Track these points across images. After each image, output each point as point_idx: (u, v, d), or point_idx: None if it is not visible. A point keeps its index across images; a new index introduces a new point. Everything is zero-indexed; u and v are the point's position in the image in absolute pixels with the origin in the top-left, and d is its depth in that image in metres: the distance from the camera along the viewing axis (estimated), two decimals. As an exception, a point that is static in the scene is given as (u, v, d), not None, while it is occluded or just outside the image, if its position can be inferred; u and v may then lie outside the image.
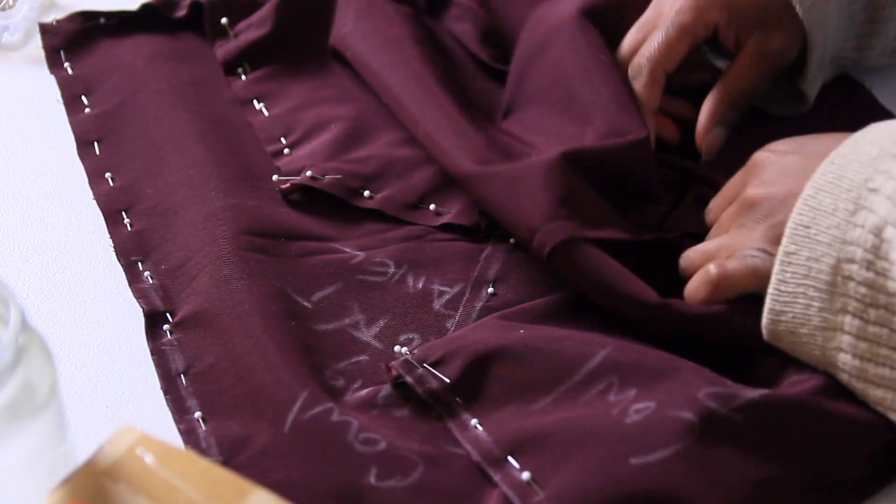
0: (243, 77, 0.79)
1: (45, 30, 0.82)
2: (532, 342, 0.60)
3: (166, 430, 0.59)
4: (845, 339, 0.56)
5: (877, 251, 0.54)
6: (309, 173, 0.71)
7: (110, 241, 0.69)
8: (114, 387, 0.62)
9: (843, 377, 0.56)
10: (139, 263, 0.67)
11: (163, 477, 0.46)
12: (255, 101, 0.77)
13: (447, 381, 0.59)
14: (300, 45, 0.81)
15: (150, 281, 0.66)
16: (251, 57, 0.80)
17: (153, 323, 0.64)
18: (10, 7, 0.84)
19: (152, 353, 0.62)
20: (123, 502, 0.46)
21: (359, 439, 0.57)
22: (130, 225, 0.70)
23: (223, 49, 0.80)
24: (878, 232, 0.54)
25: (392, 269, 0.67)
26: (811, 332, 0.57)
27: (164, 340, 0.63)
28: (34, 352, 0.48)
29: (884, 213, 0.54)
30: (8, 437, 0.47)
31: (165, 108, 0.76)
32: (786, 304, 0.57)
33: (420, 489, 0.56)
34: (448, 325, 0.64)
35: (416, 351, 0.61)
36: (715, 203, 0.67)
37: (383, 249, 0.68)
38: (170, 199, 0.70)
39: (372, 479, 0.56)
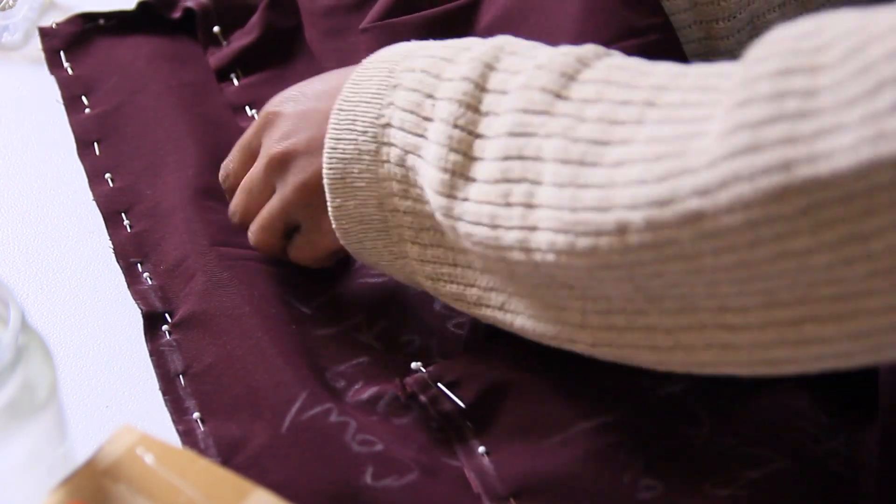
0: (236, 82, 0.79)
1: (45, 33, 0.82)
2: (551, 378, 0.59)
3: (166, 430, 0.59)
4: (415, 266, 0.59)
5: (406, 180, 0.57)
6: None
7: (110, 242, 0.69)
8: (114, 387, 0.62)
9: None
10: (138, 265, 0.67)
11: (163, 477, 0.46)
12: (247, 108, 0.77)
13: (462, 405, 0.59)
14: (290, 50, 0.81)
15: (150, 282, 0.66)
16: (243, 63, 0.80)
17: (152, 324, 0.64)
18: (10, 7, 0.84)
19: (151, 354, 0.63)
20: (123, 502, 0.46)
21: (356, 440, 0.57)
22: (130, 226, 0.70)
23: (215, 57, 0.80)
24: (401, 162, 0.57)
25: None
26: (391, 265, 0.60)
27: (162, 341, 0.63)
28: (34, 352, 0.48)
29: (400, 143, 0.57)
30: (8, 437, 0.47)
31: (165, 109, 0.76)
32: (358, 251, 0.61)
33: (416, 490, 0.56)
34: (449, 326, 0.64)
35: (431, 368, 0.60)
36: (231, 166, 0.66)
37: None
38: (168, 200, 0.70)
39: (368, 479, 0.56)
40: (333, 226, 0.60)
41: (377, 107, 0.58)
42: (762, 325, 0.48)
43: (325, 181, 0.59)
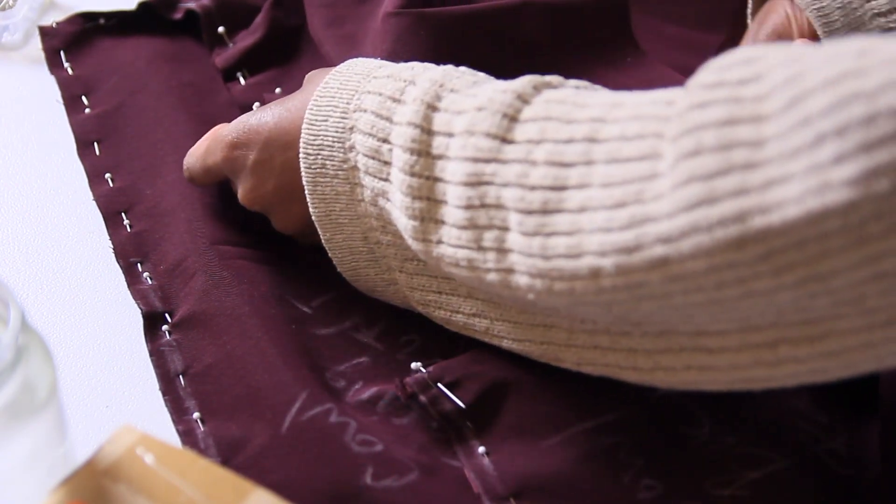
0: (242, 82, 0.79)
1: (45, 32, 0.82)
2: (551, 378, 0.59)
3: (166, 430, 0.59)
4: (406, 292, 0.61)
5: (382, 217, 0.59)
6: None
7: (110, 242, 0.69)
8: (114, 387, 0.62)
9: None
10: (138, 265, 0.67)
11: (163, 477, 0.46)
12: (255, 106, 0.77)
13: (461, 405, 0.59)
14: (296, 48, 0.81)
15: (150, 282, 0.66)
16: (249, 63, 0.80)
17: (152, 324, 0.64)
18: (10, 7, 0.84)
19: (151, 354, 0.62)
20: (123, 502, 0.46)
21: (356, 440, 0.57)
22: (130, 226, 0.70)
23: (221, 57, 0.80)
24: (374, 203, 0.59)
25: (392, 271, 0.67)
26: (385, 291, 0.63)
27: (162, 341, 0.63)
28: (34, 352, 0.48)
29: (369, 186, 0.59)
30: (8, 437, 0.47)
31: (165, 109, 0.76)
32: (355, 279, 0.64)
33: (416, 490, 0.56)
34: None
35: (431, 368, 0.60)
36: (197, 181, 0.68)
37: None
38: (167, 200, 0.70)
39: (368, 479, 0.56)
40: (329, 255, 0.63)
41: (340, 151, 0.59)
42: (739, 348, 0.50)
43: (313, 218, 0.62)
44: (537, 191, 0.51)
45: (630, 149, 0.49)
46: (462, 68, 0.59)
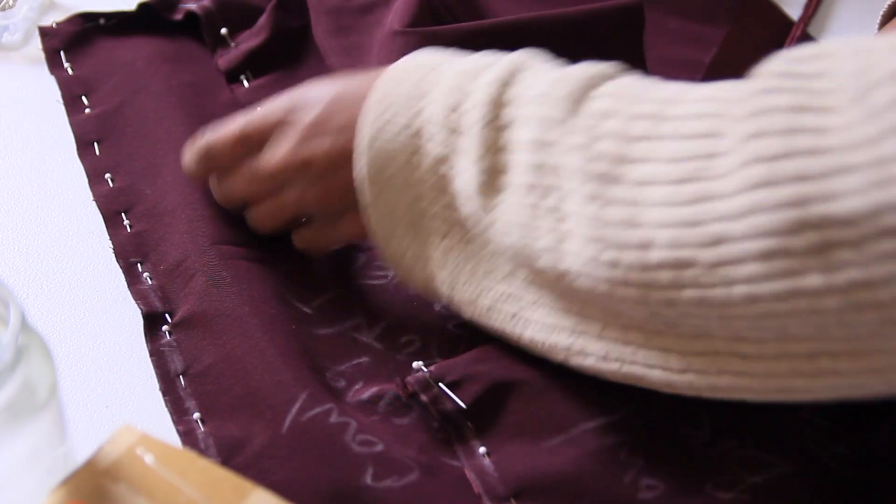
0: (246, 84, 0.79)
1: (45, 32, 0.82)
2: (553, 379, 0.59)
3: (166, 430, 0.59)
4: (434, 271, 0.60)
5: (436, 187, 0.59)
6: None
7: (110, 242, 0.69)
8: (114, 387, 0.62)
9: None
10: (138, 265, 0.67)
11: (163, 477, 0.46)
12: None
13: (462, 405, 0.59)
14: (300, 50, 0.81)
15: (150, 282, 0.66)
16: (253, 65, 0.80)
17: (152, 324, 0.64)
18: (10, 7, 0.84)
19: (151, 355, 0.62)
20: (123, 502, 0.46)
21: (356, 440, 0.57)
22: (130, 226, 0.70)
23: (225, 59, 0.80)
24: (433, 171, 0.59)
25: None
26: (412, 268, 0.61)
27: (162, 341, 0.63)
28: (34, 352, 0.48)
29: (431, 153, 0.58)
30: (8, 437, 0.47)
31: (165, 109, 0.76)
32: (385, 248, 0.62)
33: (416, 490, 0.56)
34: (450, 326, 0.64)
35: (433, 368, 0.60)
36: (219, 149, 0.66)
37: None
38: (167, 200, 0.70)
39: (368, 479, 0.56)
40: (369, 220, 0.61)
41: (406, 117, 0.59)
42: (777, 356, 0.50)
43: (363, 178, 0.60)
44: (601, 161, 0.52)
45: (695, 126, 0.50)
46: (539, 54, 0.60)
